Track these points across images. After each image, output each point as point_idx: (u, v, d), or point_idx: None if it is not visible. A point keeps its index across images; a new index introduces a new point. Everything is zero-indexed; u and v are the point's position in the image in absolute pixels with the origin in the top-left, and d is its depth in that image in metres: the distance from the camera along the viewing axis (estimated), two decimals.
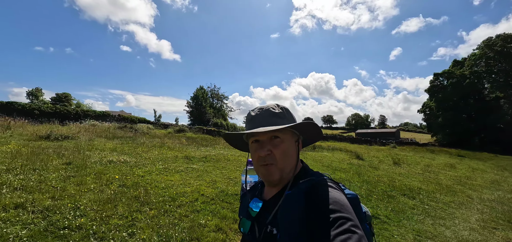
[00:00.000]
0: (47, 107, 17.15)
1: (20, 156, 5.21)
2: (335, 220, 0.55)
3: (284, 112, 0.75)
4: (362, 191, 5.24)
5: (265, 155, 0.71)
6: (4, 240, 1.99)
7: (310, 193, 0.64)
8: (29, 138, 9.53)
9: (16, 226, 2.24)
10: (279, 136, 0.71)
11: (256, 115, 0.76)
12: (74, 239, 2.15)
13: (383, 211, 3.95)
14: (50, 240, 2.09)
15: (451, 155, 19.38)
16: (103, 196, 3.23)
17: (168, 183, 4.17)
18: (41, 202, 2.82)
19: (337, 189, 0.67)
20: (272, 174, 0.71)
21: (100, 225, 2.42)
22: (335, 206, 0.58)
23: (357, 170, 8.22)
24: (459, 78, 32.20)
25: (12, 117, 13.88)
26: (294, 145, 0.74)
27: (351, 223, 0.54)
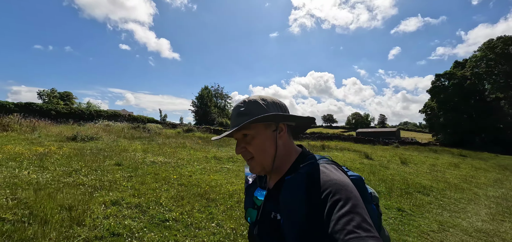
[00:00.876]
0: (63, 108, 17.69)
1: (69, 157, 5.76)
2: (336, 201, 0.55)
3: (248, 107, 0.74)
4: (381, 188, 5.81)
5: (240, 152, 0.75)
6: (127, 230, 2.53)
7: (311, 176, 0.64)
8: (58, 139, 10.07)
9: (127, 220, 2.79)
10: (247, 133, 0.73)
11: (231, 116, 0.80)
12: (179, 229, 2.69)
13: (406, 205, 4.52)
14: (163, 230, 2.63)
15: (454, 155, 20.00)
16: (172, 193, 3.78)
17: (217, 182, 4.73)
18: (128, 199, 3.37)
19: (338, 170, 0.67)
20: (253, 168, 0.75)
21: (189, 217, 2.98)
22: (334, 187, 0.58)
23: (370, 169, 8.80)
24: (460, 79, 32.85)
25: (31, 118, 14.40)
26: (270, 136, 0.73)
27: (352, 202, 0.54)
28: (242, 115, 0.72)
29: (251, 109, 0.73)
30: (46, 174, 4.14)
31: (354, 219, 0.51)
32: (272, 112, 0.73)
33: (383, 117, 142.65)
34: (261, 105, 0.73)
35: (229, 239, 2.60)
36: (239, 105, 0.75)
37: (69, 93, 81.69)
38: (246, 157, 0.75)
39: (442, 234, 3.38)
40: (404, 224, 3.58)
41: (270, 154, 0.72)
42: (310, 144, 17.52)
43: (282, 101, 0.79)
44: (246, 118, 0.71)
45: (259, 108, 0.73)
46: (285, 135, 0.75)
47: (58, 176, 4.08)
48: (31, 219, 2.34)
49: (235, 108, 0.76)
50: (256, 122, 0.69)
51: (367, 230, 0.50)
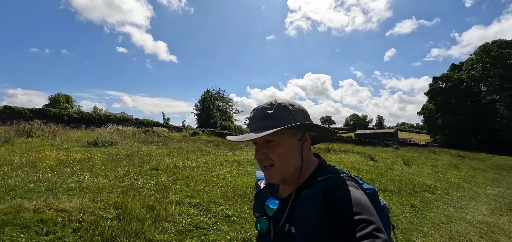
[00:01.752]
0: (74, 113, 18.15)
1: (107, 163, 6.31)
2: (358, 222, 0.54)
3: (277, 110, 0.69)
4: (391, 187, 6.44)
5: (260, 158, 0.71)
6: (204, 224, 3.09)
7: (329, 192, 0.62)
8: (80, 144, 10.57)
9: (199, 216, 3.35)
10: (273, 139, 0.68)
11: (252, 117, 0.74)
12: (243, 223, 3.25)
13: (417, 202, 5.14)
14: (231, 224, 3.19)
15: (452, 155, 20.78)
16: (220, 194, 4.36)
17: (250, 184, 5.33)
18: (187, 200, 3.94)
19: (358, 188, 0.65)
20: (272, 177, 0.70)
21: (246, 214, 3.56)
22: (356, 208, 0.57)
23: (377, 171, 9.43)
24: (457, 82, 33.86)
25: (48, 123, 14.86)
26: (295, 146, 0.70)
27: (373, 226, 0.53)
28: (269, 118, 0.68)
29: (279, 114, 0.69)
30: (102, 179, 4.70)
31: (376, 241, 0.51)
32: (300, 119, 0.70)
33: (380, 118, 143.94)
34: (290, 111, 0.70)
35: None
36: (267, 107, 0.71)
37: (68, 97, 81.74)
38: (265, 163, 0.70)
39: (451, 225, 4.00)
40: (418, 218, 4.19)
41: (293, 164, 0.69)
42: (315, 147, 18.16)
43: (305, 108, 0.76)
44: (273, 122, 0.67)
45: (288, 114, 0.69)
46: (308, 144, 0.73)
47: (114, 180, 4.64)
48: (127, 217, 2.91)
49: (262, 109, 0.71)
50: (287, 129, 0.66)
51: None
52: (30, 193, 3.42)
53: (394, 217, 4.07)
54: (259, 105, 0.73)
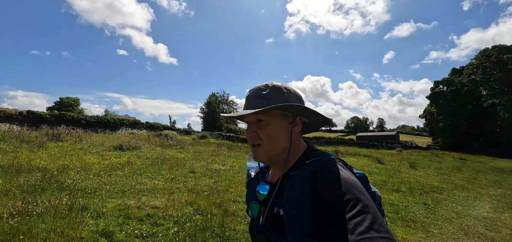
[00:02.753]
0: (91, 118, 18.86)
1: (145, 167, 7.00)
2: (346, 202, 0.54)
3: (271, 92, 0.72)
4: (403, 188, 7.11)
5: (250, 137, 0.73)
6: None
7: (318, 173, 0.62)
8: (106, 148, 11.25)
9: None
10: (263, 118, 0.71)
11: (248, 95, 0.76)
12: None
13: (428, 201, 5.83)
14: None
15: (454, 158, 21.46)
16: None
17: None
18: (239, 198, 4.63)
19: (345, 168, 0.67)
20: (258, 156, 0.73)
21: None
22: (344, 187, 0.57)
23: (387, 173, 10.10)
24: (458, 86, 34.62)
25: (71, 128, 15.54)
26: (284, 127, 0.72)
27: (362, 203, 0.53)
28: (262, 98, 0.71)
29: (273, 95, 0.71)
30: (157, 181, 5.39)
31: (365, 219, 0.50)
32: (293, 102, 0.72)
33: (381, 121, 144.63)
34: (284, 93, 0.72)
35: None
36: (261, 88, 0.73)
37: (77, 99, 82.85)
38: (254, 142, 0.73)
39: (460, 220, 4.69)
40: (432, 214, 4.88)
41: (280, 145, 0.71)
42: (324, 149, 18.81)
43: (301, 94, 0.78)
44: (266, 101, 0.70)
45: (282, 96, 0.71)
46: (298, 129, 0.74)
47: (168, 182, 5.33)
48: (204, 212, 3.58)
49: (257, 89, 0.74)
50: (277, 109, 0.68)
51: (379, 231, 0.49)
52: (115, 193, 4.11)
53: (412, 214, 4.75)
54: (256, 86, 0.76)
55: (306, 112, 0.73)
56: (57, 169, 5.56)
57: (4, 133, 10.61)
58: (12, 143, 9.42)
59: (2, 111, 14.32)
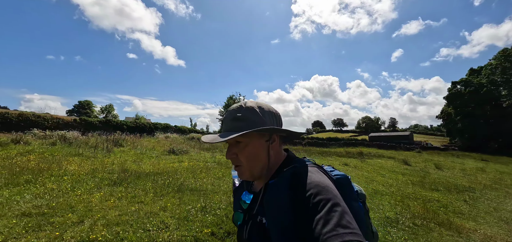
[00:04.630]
0: (131, 123, 20.52)
1: (212, 169, 8.27)
2: (317, 203, 0.58)
3: (245, 113, 0.75)
4: (440, 187, 8.08)
5: (230, 158, 0.77)
6: None
7: (293, 178, 0.67)
8: (160, 153, 12.63)
9: None
10: (241, 140, 0.74)
11: (224, 119, 0.80)
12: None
13: (466, 198, 6.81)
14: None
15: (476, 159, 21.90)
16: None
17: (359, 184, 7.15)
18: None
19: (320, 172, 0.71)
20: (242, 174, 0.77)
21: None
22: (315, 189, 0.61)
23: (418, 174, 11.01)
24: (476, 86, 34.62)
25: (111, 132, 17.11)
26: (262, 146, 0.75)
27: (331, 202, 0.57)
28: (237, 120, 0.74)
29: (247, 116, 0.74)
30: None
31: (333, 217, 0.54)
32: (268, 120, 0.75)
33: (393, 121, 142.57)
34: (257, 113, 0.75)
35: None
36: (236, 110, 0.76)
37: (89, 102, 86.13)
38: (235, 163, 0.77)
39: (499, 213, 5.67)
40: (473, 209, 5.87)
41: (260, 163, 0.75)
42: (348, 151, 19.78)
43: (276, 110, 0.81)
44: (241, 123, 0.73)
45: (256, 116, 0.74)
46: (277, 144, 0.78)
47: None
48: None
49: (231, 111, 0.77)
50: (252, 132, 0.71)
51: (346, 227, 0.52)
52: (230, 192, 5.35)
53: (457, 208, 5.77)
54: (231, 107, 0.79)
55: (279, 132, 0.76)
56: (165, 173, 6.89)
57: (76, 140, 12.20)
58: (86, 149, 10.93)
59: (61, 119, 16.05)
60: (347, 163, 12.39)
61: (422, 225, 4.24)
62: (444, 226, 4.30)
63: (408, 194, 6.68)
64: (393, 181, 8.67)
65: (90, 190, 4.73)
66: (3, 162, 6.56)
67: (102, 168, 6.87)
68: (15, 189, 4.52)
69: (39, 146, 10.29)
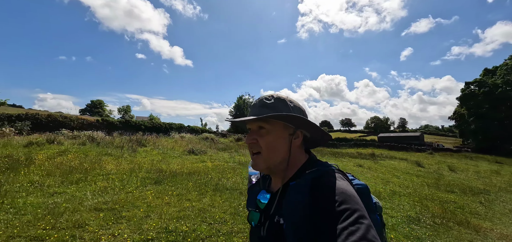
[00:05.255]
0: (148, 123, 21.34)
1: (233, 170, 8.77)
2: (342, 211, 0.56)
3: (275, 102, 0.75)
4: (456, 190, 8.34)
5: (249, 143, 0.76)
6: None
7: (316, 183, 0.65)
8: (181, 153, 13.23)
9: None
10: (265, 126, 0.74)
11: (253, 104, 0.80)
12: (397, 220, 5.48)
13: (482, 200, 7.08)
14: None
15: (490, 162, 21.69)
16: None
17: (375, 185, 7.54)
18: None
19: (344, 179, 0.69)
20: (257, 164, 0.76)
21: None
22: (341, 197, 0.59)
23: (431, 176, 11.22)
24: (491, 87, 34.00)
25: (130, 133, 17.87)
26: (284, 138, 0.74)
27: (358, 214, 0.55)
28: (266, 107, 0.74)
29: (276, 105, 0.74)
30: None
31: (359, 229, 0.52)
32: (296, 114, 0.74)
33: (403, 121, 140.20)
34: (287, 105, 0.75)
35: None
36: (266, 97, 0.77)
37: (101, 101, 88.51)
38: (253, 149, 0.76)
39: None
40: (489, 210, 6.16)
41: (279, 155, 0.74)
42: (360, 152, 19.98)
43: (304, 108, 0.81)
44: (269, 111, 0.73)
45: (285, 107, 0.75)
46: (299, 142, 0.77)
47: None
48: None
49: (261, 99, 0.77)
50: (278, 118, 0.72)
51: (371, 241, 0.51)
52: None
53: (473, 209, 6.08)
54: (262, 95, 0.79)
55: (308, 125, 0.76)
56: (196, 173, 7.45)
57: (103, 140, 12.97)
58: (113, 149, 11.64)
59: (85, 119, 16.93)
60: (361, 165, 12.69)
61: (442, 223, 4.60)
62: (462, 225, 4.65)
63: (425, 195, 7.00)
64: (409, 183, 8.97)
65: (138, 188, 5.31)
66: (49, 161, 7.25)
67: (139, 167, 7.48)
68: (72, 186, 5.13)
69: (70, 146, 11.06)
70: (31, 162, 6.69)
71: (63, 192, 4.68)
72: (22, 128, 13.39)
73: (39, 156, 7.77)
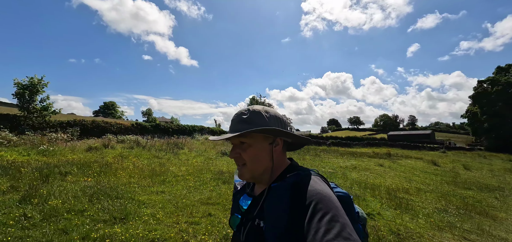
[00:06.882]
0: (175, 126, 22.87)
1: None
2: (318, 211, 0.59)
3: (251, 116, 0.79)
4: (473, 187, 9.38)
5: (234, 157, 0.81)
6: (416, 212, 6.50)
7: (296, 185, 0.69)
8: (216, 156, 14.51)
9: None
10: (245, 141, 0.78)
11: (232, 119, 0.83)
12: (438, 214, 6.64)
13: (497, 196, 8.11)
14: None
15: (503, 160, 22.30)
16: (401, 185, 7.77)
17: (396, 184, 8.69)
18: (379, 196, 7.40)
19: (323, 182, 0.72)
20: (243, 174, 0.81)
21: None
22: (318, 197, 0.62)
23: (448, 174, 12.19)
24: (504, 85, 34.23)
25: (157, 136, 19.30)
26: (266, 148, 0.79)
27: (333, 213, 0.58)
28: (243, 122, 0.78)
29: (253, 119, 0.78)
30: None
31: (334, 227, 0.55)
32: (273, 124, 0.79)
33: (413, 118, 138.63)
34: (263, 117, 0.79)
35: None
36: (243, 112, 0.81)
37: (113, 103, 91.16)
38: (238, 162, 0.81)
39: None
40: (504, 204, 7.19)
41: (263, 165, 0.79)
42: (376, 152, 20.94)
43: (283, 116, 0.84)
44: (247, 125, 0.77)
45: (261, 119, 0.78)
46: (280, 148, 0.82)
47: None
48: (387, 203, 6.40)
49: (238, 114, 0.82)
50: (256, 132, 0.76)
51: (347, 238, 0.53)
52: None
53: (490, 203, 7.14)
54: (239, 110, 0.84)
55: (283, 134, 0.80)
56: None
57: (146, 144, 14.44)
58: (159, 151, 13.07)
59: (122, 124, 18.53)
60: (381, 164, 13.76)
61: (465, 213, 5.74)
62: (482, 215, 5.77)
63: (446, 192, 8.09)
64: (429, 181, 10.03)
65: (218, 186, 6.62)
66: (124, 163, 8.66)
67: (199, 169, 8.82)
68: (165, 186, 6.47)
69: (122, 149, 12.55)
70: (116, 166, 8.11)
71: (162, 191, 6.01)
72: (73, 134, 15.02)
73: (109, 159, 9.21)
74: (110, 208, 4.33)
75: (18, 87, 14.08)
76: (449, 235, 4.29)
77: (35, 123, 14.60)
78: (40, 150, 10.05)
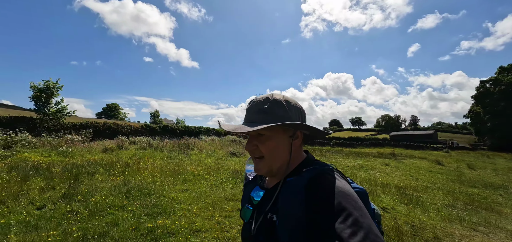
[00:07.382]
0: (182, 127, 23.30)
1: None
2: (342, 210, 0.55)
3: (272, 106, 0.74)
4: (478, 185, 9.72)
5: (250, 150, 0.76)
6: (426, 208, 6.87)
7: (313, 181, 0.65)
8: (224, 156, 14.91)
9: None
10: (264, 133, 0.73)
11: (248, 108, 0.78)
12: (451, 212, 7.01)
13: (502, 193, 8.45)
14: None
15: (506, 159, 22.58)
16: (410, 183, 8.14)
17: (404, 182, 9.05)
18: (417, 193, 7.77)
19: (342, 179, 0.68)
20: (260, 169, 0.76)
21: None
22: (341, 196, 0.58)
23: (453, 173, 12.53)
24: (507, 85, 34.48)
25: (166, 137, 19.74)
26: (285, 141, 0.74)
27: (358, 213, 0.55)
28: (263, 113, 0.73)
29: (273, 109, 0.73)
30: None
31: (360, 230, 0.51)
32: (294, 115, 0.74)
33: (415, 118, 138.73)
34: (284, 107, 0.74)
35: None
36: (262, 101, 0.75)
37: (116, 105, 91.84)
38: (255, 155, 0.76)
39: None
40: (508, 201, 7.49)
41: (281, 158, 0.74)
42: (380, 152, 21.29)
43: (302, 106, 0.80)
44: (267, 117, 0.72)
45: (282, 111, 0.73)
46: (299, 142, 0.78)
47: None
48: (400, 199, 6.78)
49: (257, 102, 0.76)
50: (278, 127, 0.70)
51: (374, 241, 0.50)
52: None
53: (495, 199, 7.48)
54: (256, 97, 0.78)
55: (306, 128, 0.76)
56: None
57: (158, 146, 14.86)
58: (171, 152, 13.48)
59: (132, 126, 18.98)
60: (387, 164, 14.11)
61: (472, 209, 6.10)
62: (488, 210, 6.13)
63: (452, 190, 8.44)
64: (435, 180, 10.38)
65: (235, 185, 7.02)
66: (140, 164, 9.06)
67: (214, 169, 9.22)
68: (187, 184, 6.86)
69: (136, 150, 12.98)
70: (137, 166, 8.52)
71: (187, 189, 6.41)
72: (86, 136, 15.48)
73: (126, 160, 9.62)
74: (147, 203, 4.73)
75: (35, 90, 14.55)
76: (459, 226, 4.66)
77: (50, 125, 15.06)
78: (60, 151, 10.48)
